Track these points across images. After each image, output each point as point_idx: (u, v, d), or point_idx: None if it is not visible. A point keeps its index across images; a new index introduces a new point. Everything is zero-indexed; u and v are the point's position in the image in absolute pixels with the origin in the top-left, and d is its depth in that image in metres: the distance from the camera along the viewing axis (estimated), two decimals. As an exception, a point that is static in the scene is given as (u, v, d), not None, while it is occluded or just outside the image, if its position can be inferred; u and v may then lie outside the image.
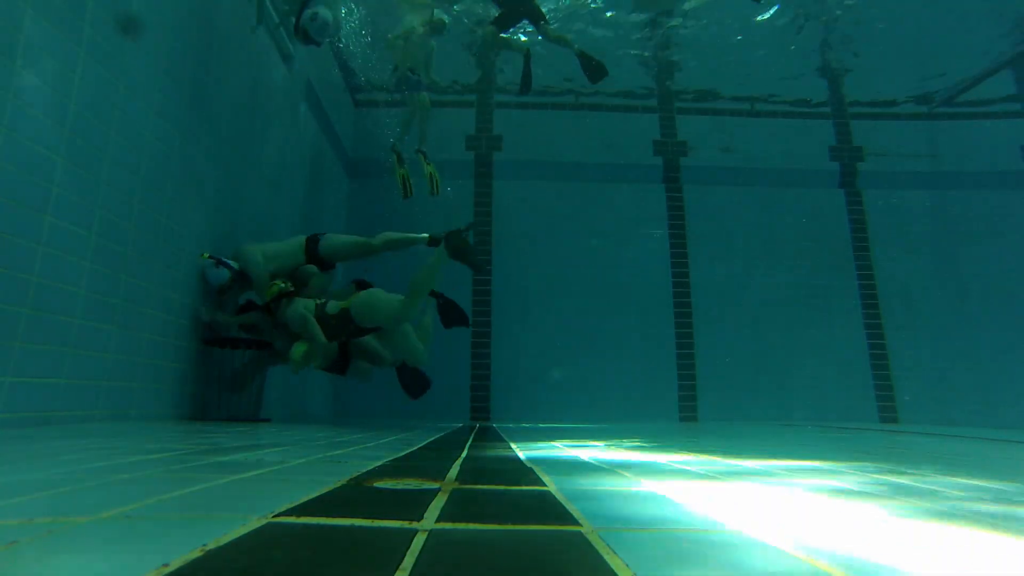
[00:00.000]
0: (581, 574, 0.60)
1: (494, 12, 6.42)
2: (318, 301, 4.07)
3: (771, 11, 7.32)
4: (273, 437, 2.34)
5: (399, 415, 6.58)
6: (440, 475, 1.30)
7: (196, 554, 0.61)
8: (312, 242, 4.41)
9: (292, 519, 0.79)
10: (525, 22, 6.24)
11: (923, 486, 1.31)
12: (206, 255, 3.84)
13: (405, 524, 0.78)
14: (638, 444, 2.56)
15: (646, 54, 8.04)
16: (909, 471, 1.63)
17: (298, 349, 3.87)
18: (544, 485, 1.20)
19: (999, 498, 1.17)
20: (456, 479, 1.25)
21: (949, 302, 7.57)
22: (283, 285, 3.99)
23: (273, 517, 0.80)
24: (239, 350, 3.84)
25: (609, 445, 2.46)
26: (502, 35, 6.31)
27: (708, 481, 1.33)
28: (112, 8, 2.88)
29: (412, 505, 0.93)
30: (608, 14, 7.53)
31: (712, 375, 7.23)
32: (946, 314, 7.52)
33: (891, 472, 1.59)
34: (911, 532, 0.82)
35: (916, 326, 7.46)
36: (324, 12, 4.10)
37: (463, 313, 4.79)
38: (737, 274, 7.63)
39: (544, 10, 6.23)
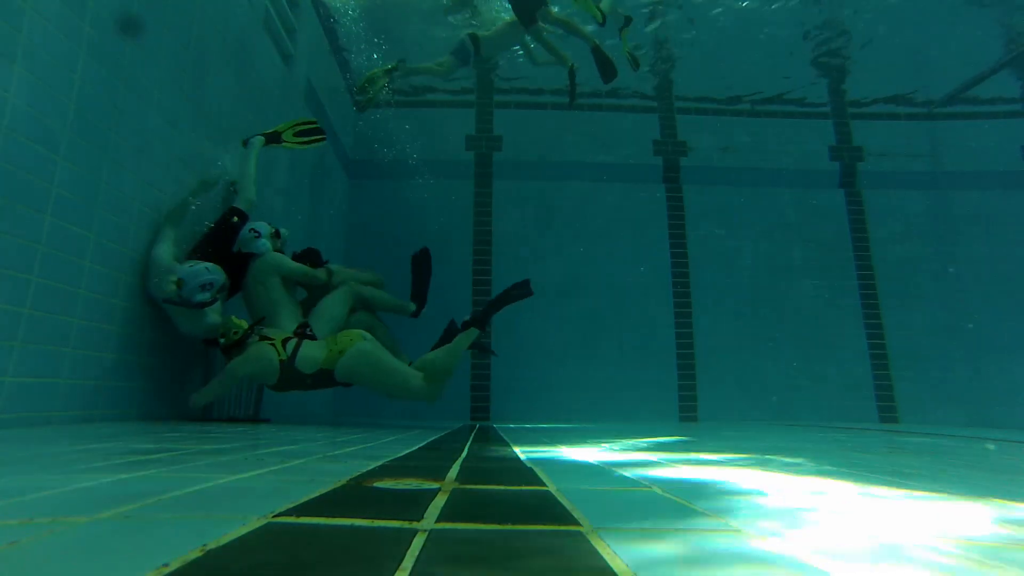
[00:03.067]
0: (582, 574, 0.60)
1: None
2: (282, 355, 3.41)
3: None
4: (273, 437, 2.34)
5: (399, 415, 6.58)
6: (440, 475, 1.30)
7: (196, 554, 0.61)
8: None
9: (292, 519, 0.79)
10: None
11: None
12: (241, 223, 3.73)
13: (405, 524, 0.78)
14: (636, 444, 2.56)
15: (643, 50, 8.03)
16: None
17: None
18: (544, 485, 1.20)
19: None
20: (456, 479, 1.25)
21: (949, 302, 7.56)
22: (235, 336, 3.39)
23: (273, 517, 0.80)
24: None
25: (608, 445, 2.45)
26: (544, 35, 6.30)
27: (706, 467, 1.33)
28: (112, 8, 2.88)
29: (412, 505, 0.93)
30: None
31: (712, 375, 7.23)
32: (946, 313, 7.51)
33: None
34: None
35: (916, 325, 7.46)
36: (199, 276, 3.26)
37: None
38: (737, 274, 7.63)
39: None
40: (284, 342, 3.53)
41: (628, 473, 1.44)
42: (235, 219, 3.77)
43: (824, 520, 0.90)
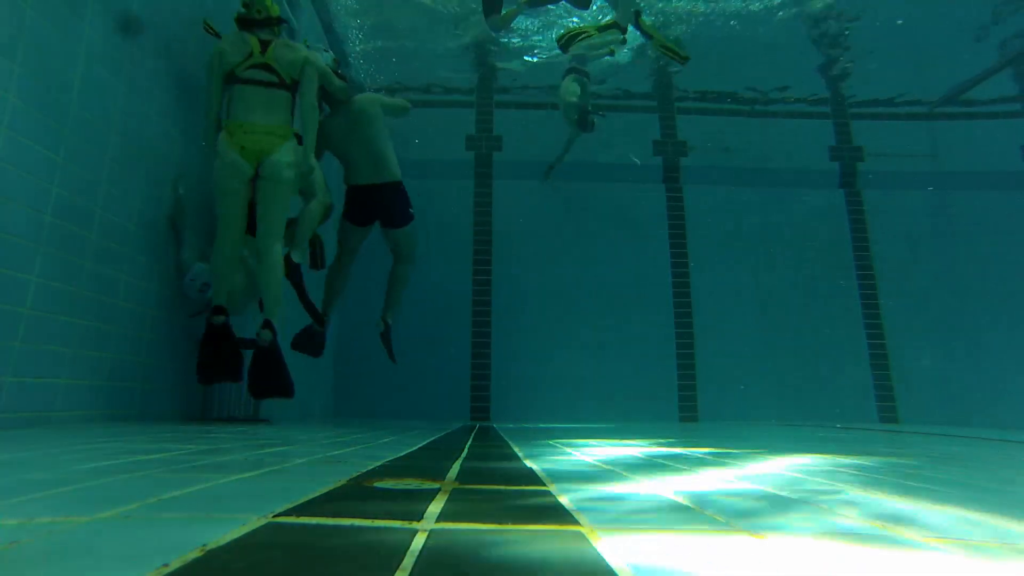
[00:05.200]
0: (581, 574, 0.60)
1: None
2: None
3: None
4: (273, 437, 2.34)
5: (399, 415, 6.59)
6: (440, 475, 1.30)
7: (196, 554, 0.61)
8: None
9: (292, 519, 0.79)
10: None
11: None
12: None
13: (405, 524, 0.78)
14: (636, 443, 2.56)
15: (651, 54, 8.03)
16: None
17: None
18: (544, 485, 1.20)
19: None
20: (456, 479, 1.25)
21: (949, 302, 7.56)
22: (259, 14, 3.42)
23: (273, 517, 0.80)
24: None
25: (608, 444, 2.45)
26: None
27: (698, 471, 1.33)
28: (113, 9, 2.88)
29: (412, 505, 0.93)
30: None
31: (712, 375, 7.23)
32: (946, 314, 7.51)
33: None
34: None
35: (916, 326, 7.46)
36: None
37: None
38: (737, 274, 7.63)
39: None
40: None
41: (627, 472, 1.45)
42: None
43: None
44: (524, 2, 6.05)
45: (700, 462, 1.77)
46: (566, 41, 5.89)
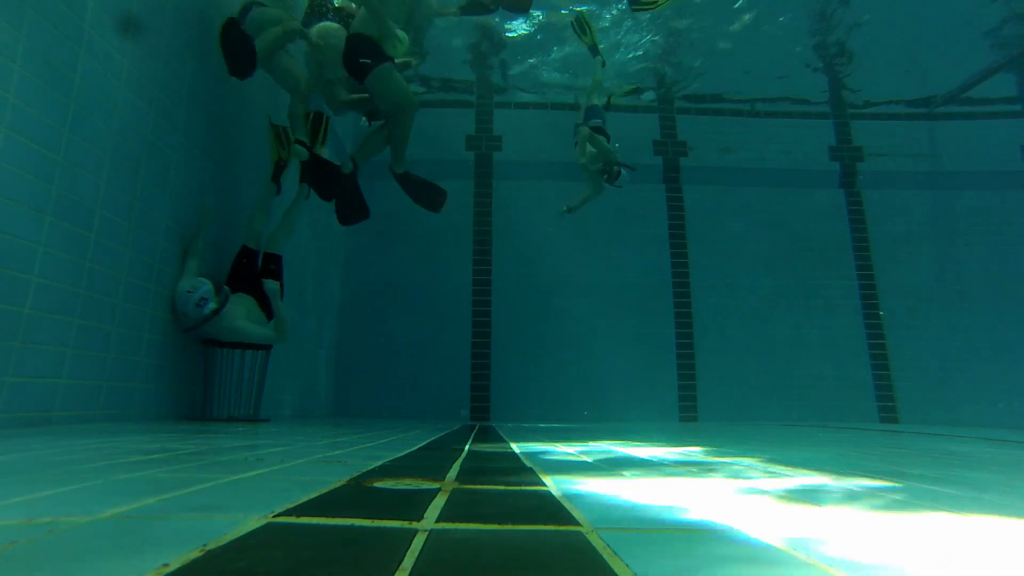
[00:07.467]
0: (581, 575, 0.60)
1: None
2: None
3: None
4: (273, 437, 2.34)
5: (399, 415, 6.59)
6: (440, 475, 1.30)
7: (196, 554, 0.61)
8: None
9: (292, 519, 0.79)
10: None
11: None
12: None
13: (405, 524, 0.78)
14: (635, 443, 2.56)
15: (648, 56, 8.03)
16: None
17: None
18: (544, 485, 1.20)
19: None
20: (456, 479, 1.25)
21: (949, 302, 7.56)
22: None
23: (273, 517, 0.80)
24: (237, 351, 3.84)
25: (608, 444, 2.45)
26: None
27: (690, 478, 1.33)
28: (112, 9, 2.88)
29: (412, 505, 0.93)
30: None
31: (712, 375, 7.23)
32: (946, 314, 7.52)
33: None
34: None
35: (916, 326, 7.46)
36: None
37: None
38: (737, 274, 7.63)
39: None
40: None
41: (627, 472, 1.45)
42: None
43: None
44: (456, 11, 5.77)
45: (708, 466, 1.77)
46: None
